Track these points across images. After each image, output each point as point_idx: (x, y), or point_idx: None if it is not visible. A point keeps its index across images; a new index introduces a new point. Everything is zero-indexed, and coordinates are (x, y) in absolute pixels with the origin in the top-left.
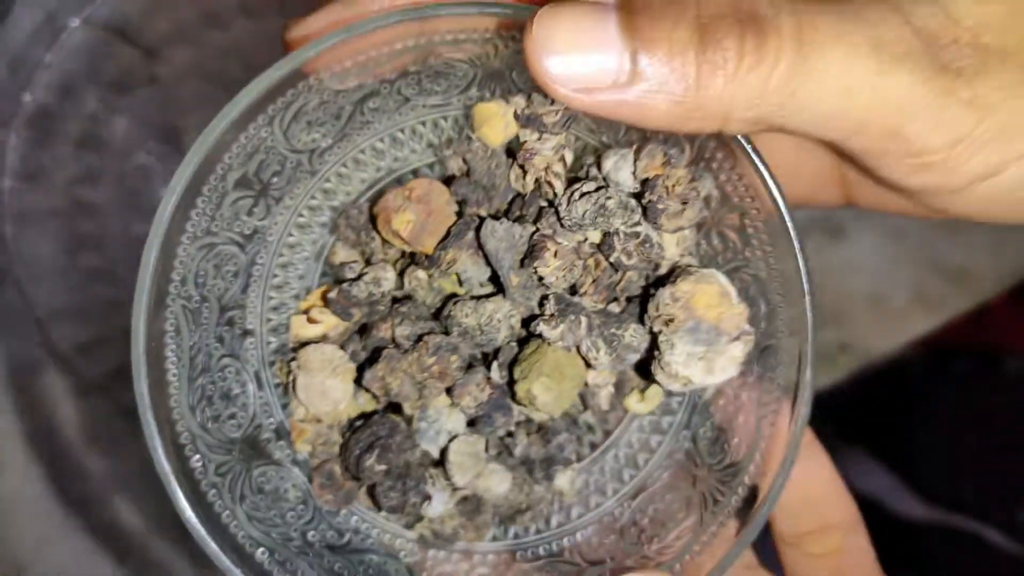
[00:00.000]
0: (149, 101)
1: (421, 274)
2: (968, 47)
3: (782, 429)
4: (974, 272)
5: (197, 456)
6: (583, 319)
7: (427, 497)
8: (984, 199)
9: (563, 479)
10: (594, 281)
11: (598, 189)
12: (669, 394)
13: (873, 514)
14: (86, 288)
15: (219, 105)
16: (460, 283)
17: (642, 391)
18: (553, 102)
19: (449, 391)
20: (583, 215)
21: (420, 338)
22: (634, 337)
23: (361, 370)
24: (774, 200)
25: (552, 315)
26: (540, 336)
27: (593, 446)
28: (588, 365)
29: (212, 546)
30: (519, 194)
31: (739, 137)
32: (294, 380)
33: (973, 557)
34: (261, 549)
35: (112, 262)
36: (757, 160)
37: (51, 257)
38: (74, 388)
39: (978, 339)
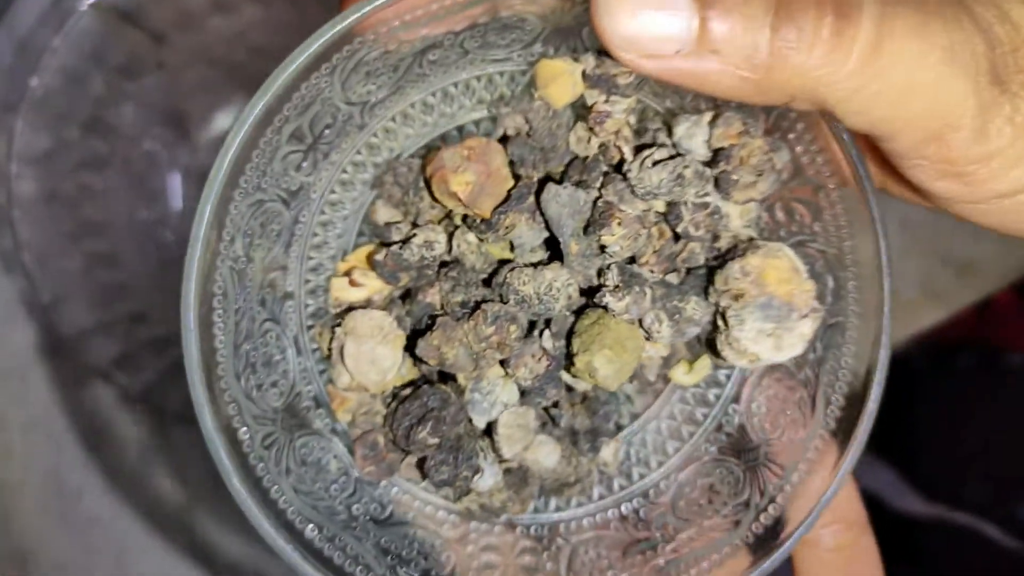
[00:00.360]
0: (156, 87)
1: (471, 237)
2: None
3: (826, 466)
4: (982, 265)
5: (244, 429)
6: (648, 291)
7: (478, 470)
8: (1005, 214)
9: (607, 451)
10: (655, 251)
11: (672, 157)
12: (716, 367)
13: (874, 510)
14: (91, 274)
15: (227, 91)
16: (511, 248)
17: (690, 363)
18: None
19: (503, 362)
20: (659, 184)
21: (477, 306)
22: (695, 310)
23: (410, 338)
24: (858, 176)
25: (618, 286)
26: (604, 308)
27: (633, 416)
28: (648, 337)
29: (265, 526)
30: (576, 157)
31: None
32: (341, 347)
33: (973, 553)
34: (311, 526)
35: (117, 248)
36: (844, 134)
37: (57, 242)
38: (77, 375)
39: (980, 334)
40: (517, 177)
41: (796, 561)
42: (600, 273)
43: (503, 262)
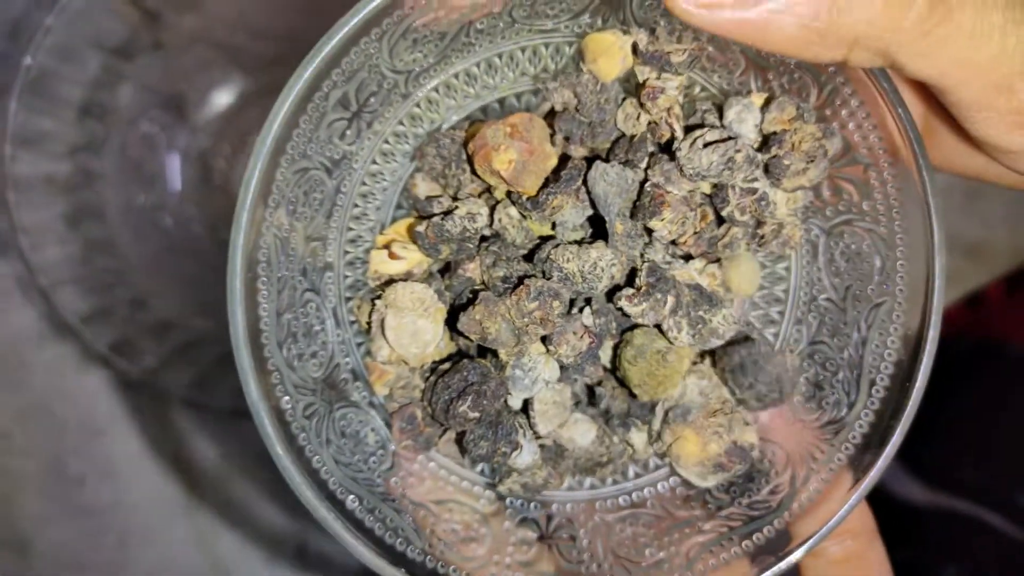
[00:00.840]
0: (154, 68)
1: (513, 211)
2: None
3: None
4: (990, 247)
5: (287, 398)
6: (670, 299)
7: (517, 447)
8: None
9: (639, 438)
10: (696, 232)
11: (725, 140)
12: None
13: (874, 497)
14: (88, 259)
15: (225, 73)
16: (553, 226)
17: None
18: (680, 39)
19: (545, 339)
20: (708, 166)
21: (520, 281)
22: (722, 324)
23: (450, 313)
24: (913, 152)
25: (639, 289)
26: (630, 317)
27: None
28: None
29: (308, 495)
30: (623, 135)
31: (885, 84)
32: (381, 320)
33: (974, 540)
34: (352, 496)
35: (115, 232)
36: (901, 107)
37: (53, 226)
38: (77, 361)
39: (974, 328)
40: (562, 153)
41: (802, 572)
42: (642, 256)
43: (544, 239)
